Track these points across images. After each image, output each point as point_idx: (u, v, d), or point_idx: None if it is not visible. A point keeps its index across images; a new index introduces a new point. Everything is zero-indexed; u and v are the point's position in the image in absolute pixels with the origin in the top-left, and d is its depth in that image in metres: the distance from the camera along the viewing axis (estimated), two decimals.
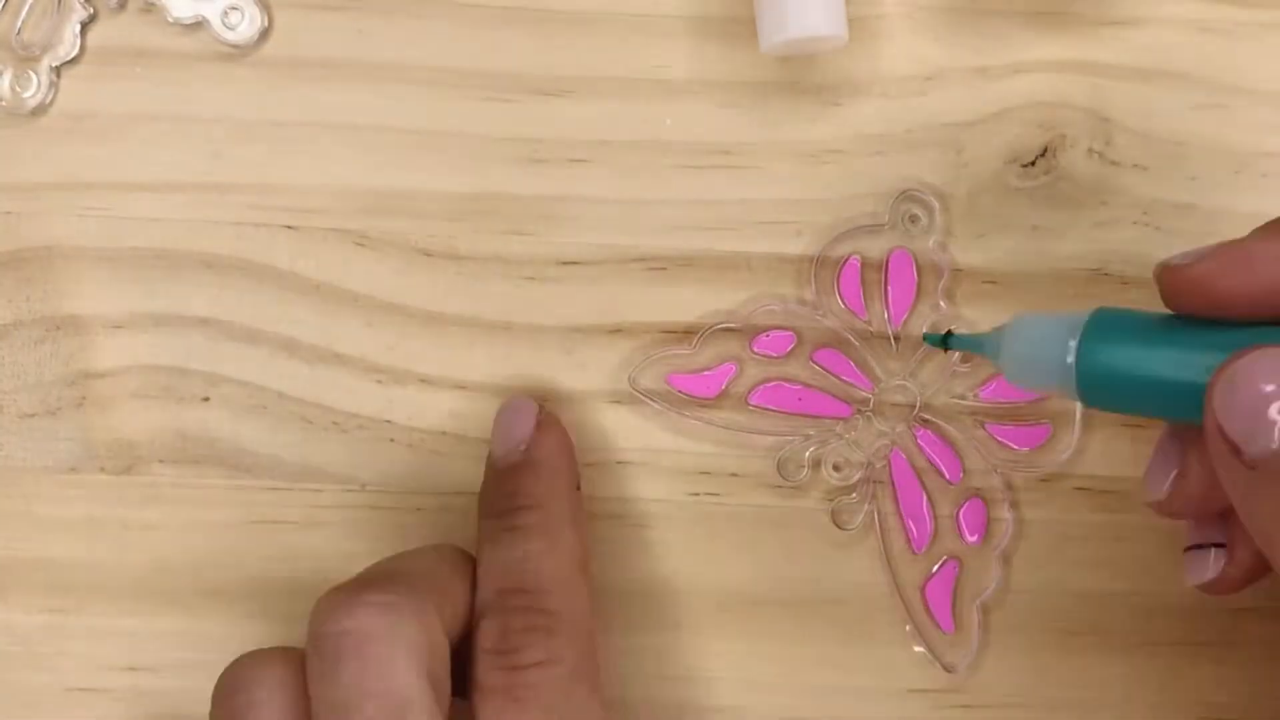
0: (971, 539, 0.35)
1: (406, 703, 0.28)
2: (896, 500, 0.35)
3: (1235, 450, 0.27)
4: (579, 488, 0.34)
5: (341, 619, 0.29)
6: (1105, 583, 0.36)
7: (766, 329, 0.36)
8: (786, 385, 0.36)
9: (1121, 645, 0.36)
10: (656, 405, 0.35)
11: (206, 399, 0.36)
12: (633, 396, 0.36)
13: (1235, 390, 0.27)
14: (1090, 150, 0.36)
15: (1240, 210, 0.36)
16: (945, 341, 0.33)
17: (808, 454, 0.35)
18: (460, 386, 0.36)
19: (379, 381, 0.36)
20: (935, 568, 0.35)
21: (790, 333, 0.36)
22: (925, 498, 0.35)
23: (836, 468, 0.36)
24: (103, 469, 0.36)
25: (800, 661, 0.36)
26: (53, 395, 0.36)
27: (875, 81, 0.36)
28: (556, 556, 0.32)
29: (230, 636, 0.36)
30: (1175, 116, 0.36)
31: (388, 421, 0.36)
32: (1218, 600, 0.35)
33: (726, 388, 0.36)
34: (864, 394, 0.36)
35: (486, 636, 0.31)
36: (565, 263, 0.36)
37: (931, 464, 0.35)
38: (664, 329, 0.36)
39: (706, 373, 0.36)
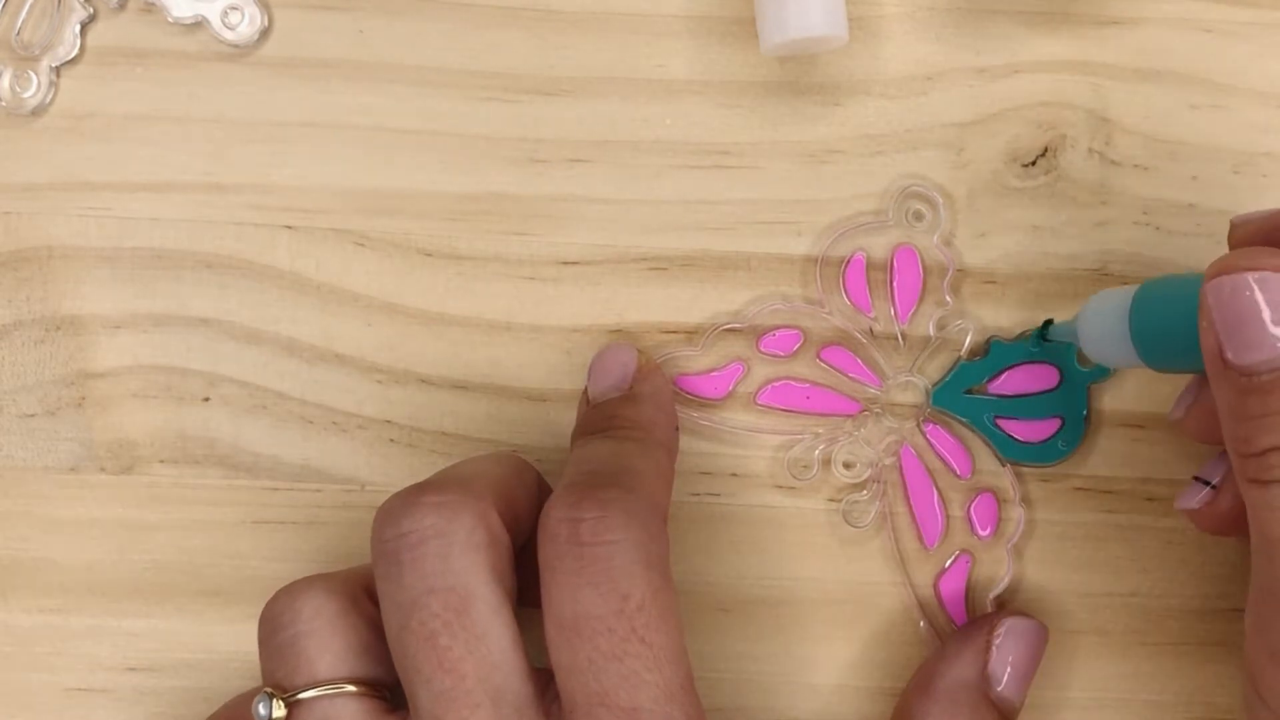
0: (983, 533, 0.35)
1: (470, 596, 0.28)
2: (907, 496, 0.35)
3: (1225, 359, 0.27)
4: (677, 429, 0.34)
5: (400, 521, 0.29)
6: (1105, 583, 0.36)
7: (773, 328, 0.36)
8: (794, 384, 0.36)
9: (1121, 645, 0.36)
10: None
11: (206, 399, 0.36)
12: None
13: (1224, 293, 0.27)
14: (1090, 150, 0.36)
15: (1240, 210, 0.36)
16: (1044, 332, 0.34)
17: (817, 452, 0.36)
18: (460, 386, 0.36)
19: (379, 381, 0.36)
20: (948, 563, 0.35)
21: (797, 331, 0.36)
22: (936, 493, 0.35)
23: (846, 465, 0.36)
24: (103, 469, 0.36)
25: (800, 661, 0.36)
26: (53, 395, 0.36)
27: (875, 81, 0.36)
28: (648, 460, 0.32)
29: (230, 636, 0.36)
30: (1175, 116, 0.36)
31: (388, 421, 0.36)
32: (1218, 600, 0.36)
33: (734, 388, 0.36)
34: (872, 391, 0.36)
35: (558, 503, 0.29)
36: (565, 263, 0.36)
37: (941, 459, 0.35)
38: (664, 329, 0.36)
39: (714, 373, 0.36)
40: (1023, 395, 0.35)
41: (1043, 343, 0.35)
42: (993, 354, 0.35)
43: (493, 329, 0.36)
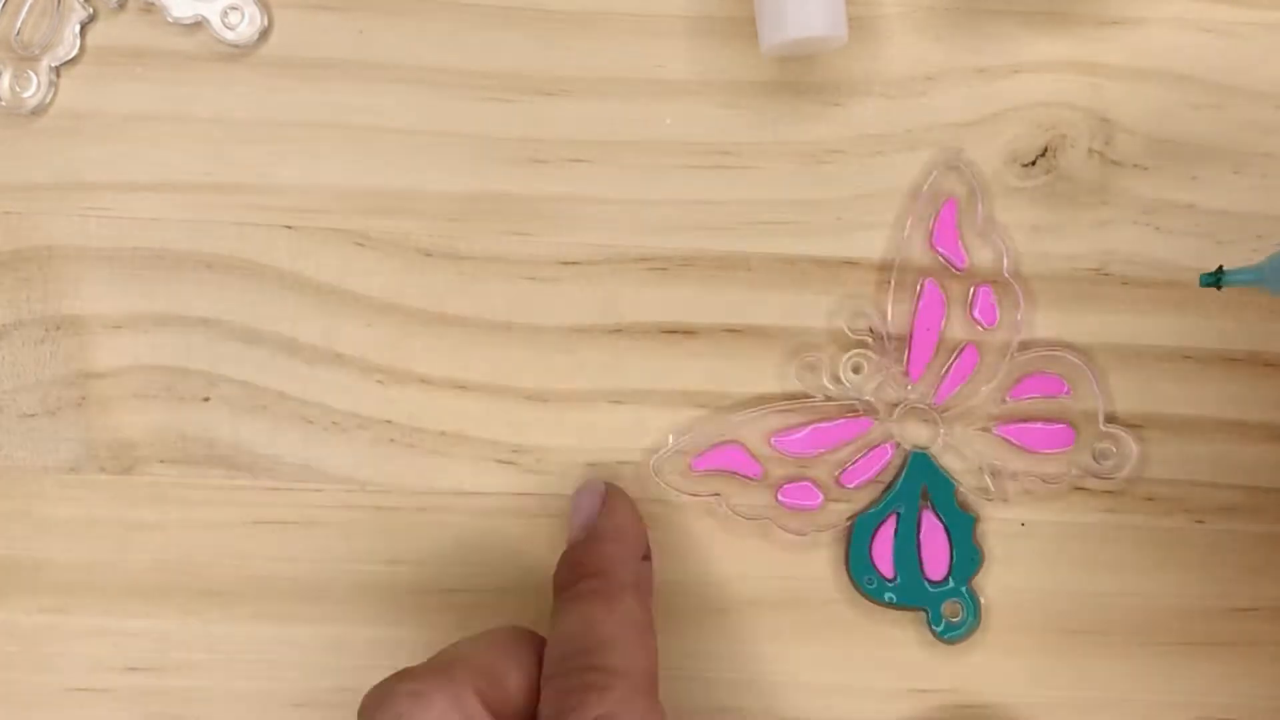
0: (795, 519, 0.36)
1: None
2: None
3: None
4: (647, 558, 0.35)
5: (373, 711, 0.30)
6: (1105, 583, 0.36)
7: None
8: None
9: (1121, 645, 0.36)
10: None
11: (206, 399, 0.36)
12: (633, 396, 0.36)
13: None
14: (1090, 150, 0.36)
15: (1240, 210, 0.36)
16: (1218, 279, 0.32)
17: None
18: (460, 386, 0.36)
19: (379, 381, 0.36)
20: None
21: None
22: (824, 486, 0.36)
23: (855, 369, 0.36)
24: (103, 469, 0.36)
25: (800, 661, 0.36)
26: (53, 395, 0.36)
27: (875, 81, 0.36)
28: (615, 617, 0.32)
29: (230, 636, 0.36)
30: (1175, 116, 0.36)
31: (388, 421, 0.36)
32: (1217, 600, 0.36)
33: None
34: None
35: (546, 703, 0.31)
36: (565, 263, 0.36)
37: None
38: (664, 329, 0.36)
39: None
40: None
41: (1217, 289, 0.32)
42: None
43: (493, 329, 0.36)
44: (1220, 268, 0.32)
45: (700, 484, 0.36)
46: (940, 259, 0.35)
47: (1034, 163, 0.36)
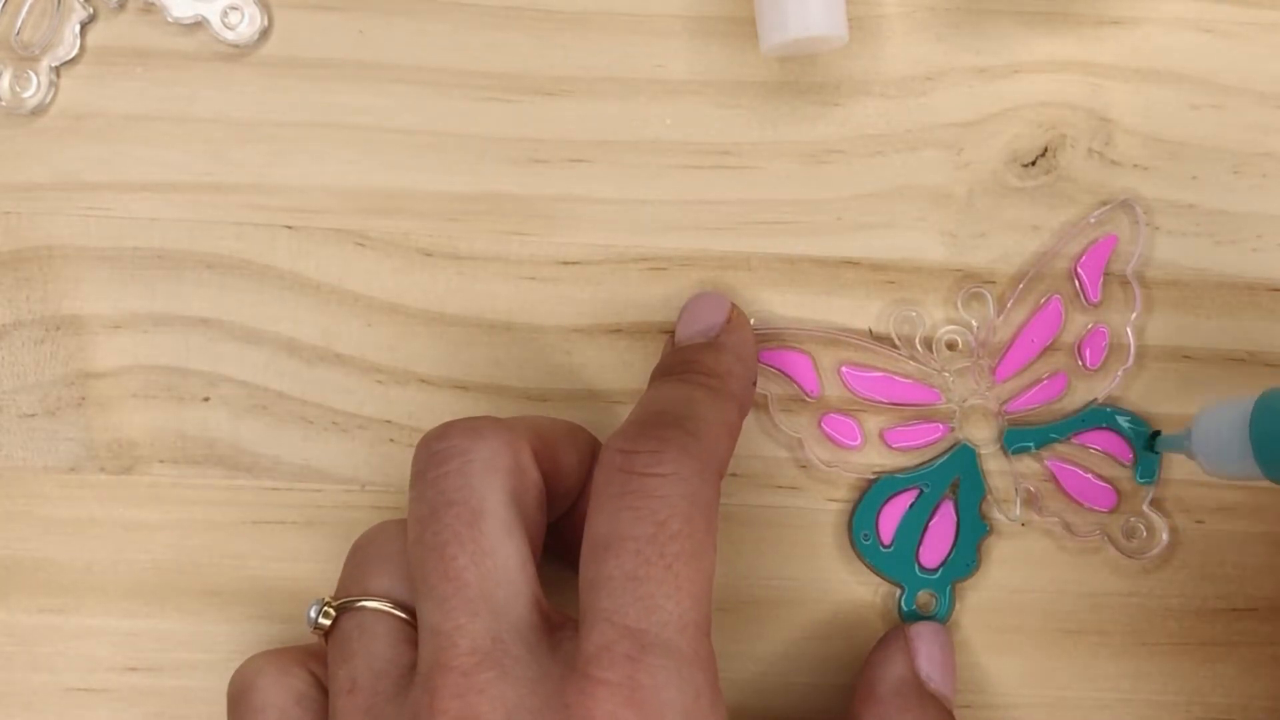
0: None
1: (482, 512, 0.29)
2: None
3: None
4: (754, 384, 0.34)
5: (432, 442, 0.30)
6: (1105, 583, 0.36)
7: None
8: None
9: (1121, 645, 0.36)
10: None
11: (206, 399, 0.36)
12: (633, 396, 0.36)
13: None
14: (1090, 150, 0.36)
15: (1240, 210, 0.36)
16: (1152, 444, 0.35)
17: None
18: (460, 386, 0.36)
19: (379, 381, 0.36)
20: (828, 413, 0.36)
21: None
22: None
23: (950, 345, 0.36)
24: (103, 469, 0.36)
25: (800, 661, 0.36)
26: (53, 395, 0.36)
27: (875, 81, 0.36)
28: (717, 412, 0.31)
29: (230, 636, 0.36)
30: (1175, 116, 0.36)
31: (388, 421, 0.36)
32: (1217, 600, 0.36)
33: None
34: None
35: (618, 436, 0.30)
36: (565, 263, 0.36)
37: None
38: (664, 329, 0.36)
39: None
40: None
41: (1151, 454, 0.35)
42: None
43: (493, 329, 0.36)
44: (1156, 432, 0.35)
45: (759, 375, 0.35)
46: (1076, 284, 0.35)
47: (1034, 163, 0.36)
